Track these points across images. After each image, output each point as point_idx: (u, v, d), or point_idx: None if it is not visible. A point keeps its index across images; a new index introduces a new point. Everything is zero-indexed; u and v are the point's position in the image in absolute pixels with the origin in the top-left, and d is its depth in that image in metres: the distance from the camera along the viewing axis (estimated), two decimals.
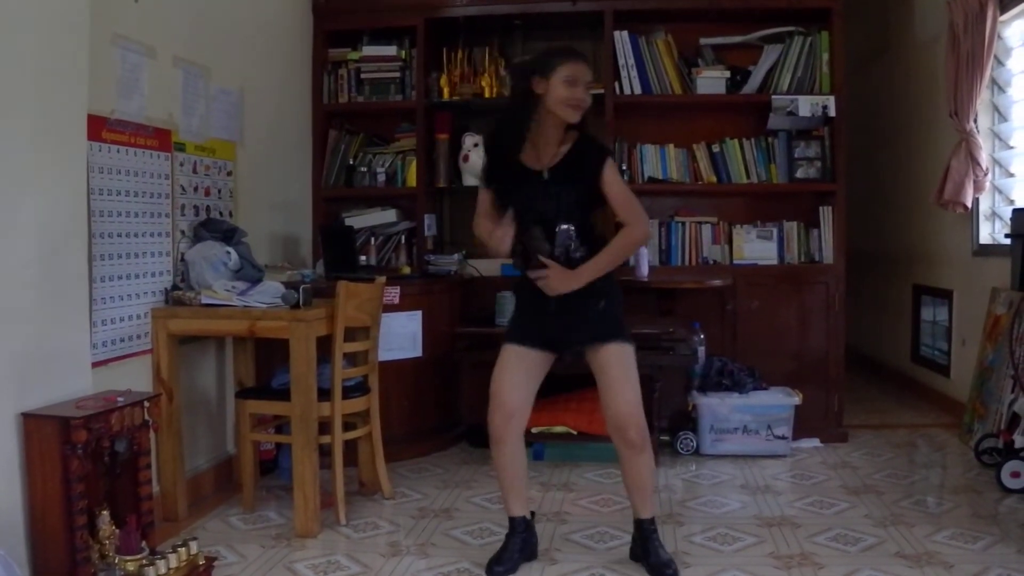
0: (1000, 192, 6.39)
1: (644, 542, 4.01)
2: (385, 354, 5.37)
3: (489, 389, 4.05)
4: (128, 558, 3.49)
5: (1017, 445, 5.06)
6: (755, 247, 6.32)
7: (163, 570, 3.45)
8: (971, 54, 5.97)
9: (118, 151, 4.36)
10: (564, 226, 3.87)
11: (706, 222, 6.40)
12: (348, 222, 6.48)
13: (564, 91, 3.80)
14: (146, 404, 3.74)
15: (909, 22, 7.84)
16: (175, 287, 4.77)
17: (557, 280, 3.84)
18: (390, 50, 6.53)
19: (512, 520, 4.08)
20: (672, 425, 5.96)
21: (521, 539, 4.07)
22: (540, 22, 6.59)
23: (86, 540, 3.44)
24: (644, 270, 6.06)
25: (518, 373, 4.01)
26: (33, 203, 3.50)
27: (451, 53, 6.56)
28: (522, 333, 4.03)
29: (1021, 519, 4.61)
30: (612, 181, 3.90)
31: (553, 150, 3.91)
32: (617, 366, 3.91)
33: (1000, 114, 6.36)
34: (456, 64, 6.55)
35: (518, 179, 3.92)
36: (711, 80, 6.24)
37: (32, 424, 3.41)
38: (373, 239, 6.58)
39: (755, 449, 5.82)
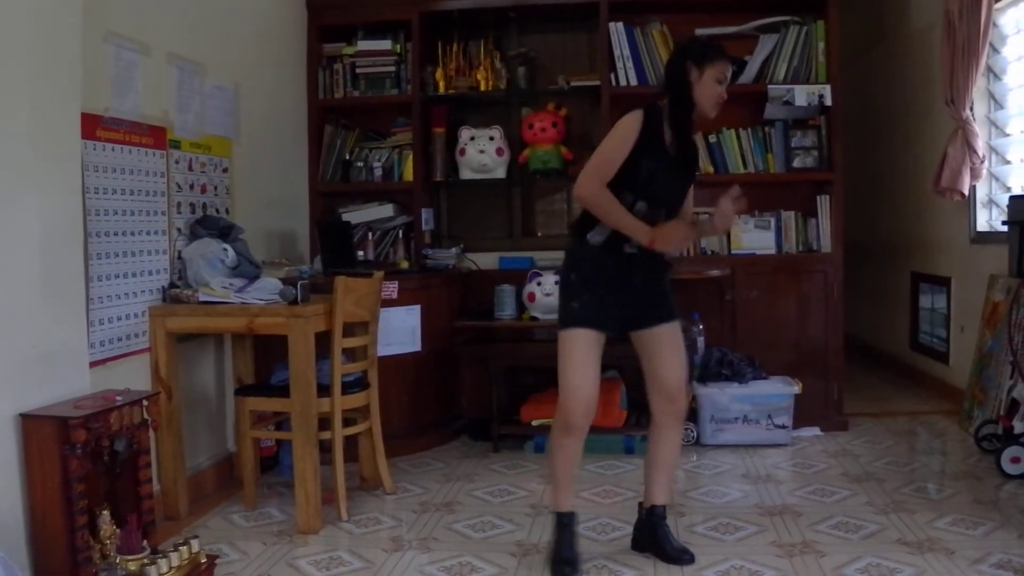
0: (997, 179, 6.38)
1: (657, 528, 4.01)
2: (384, 349, 5.37)
3: (562, 379, 3.87)
4: (129, 557, 3.48)
5: (1017, 431, 5.06)
6: (753, 237, 6.31)
7: (165, 569, 3.45)
8: (966, 42, 5.96)
9: (113, 149, 4.35)
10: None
11: (704, 212, 6.33)
12: (345, 217, 6.47)
13: (713, 87, 3.81)
14: (145, 403, 3.73)
15: (904, 10, 7.83)
16: (172, 285, 4.76)
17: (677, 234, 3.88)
18: (385, 44, 6.52)
19: (561, 515, 4.00)
20: None
21: (572, 533, 4.00)
22: (535, 14, 6.57)
23: (87, 540, 3.44)
24: None
25: (593, 362, 3.87)
26: (28, 203, 3.49)
27: (446, 47, 6.55)
28: (597, 317, 3.86)
29: (1021, 504, 4.61)
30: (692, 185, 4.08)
31: (673, 142, 3.91)
32: (676, 343, 3.99)
33: (996, 102, 6.35)
34: (451, 58, 6.54)
35: (655, 154, 3.85)
36: None
37: (31, 425, 3.41)
38: (370, 234, 6.57)
39: (756, 438, 5.82)
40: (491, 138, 6.40)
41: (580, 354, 3.84)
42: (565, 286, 4.01)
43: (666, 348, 3.95)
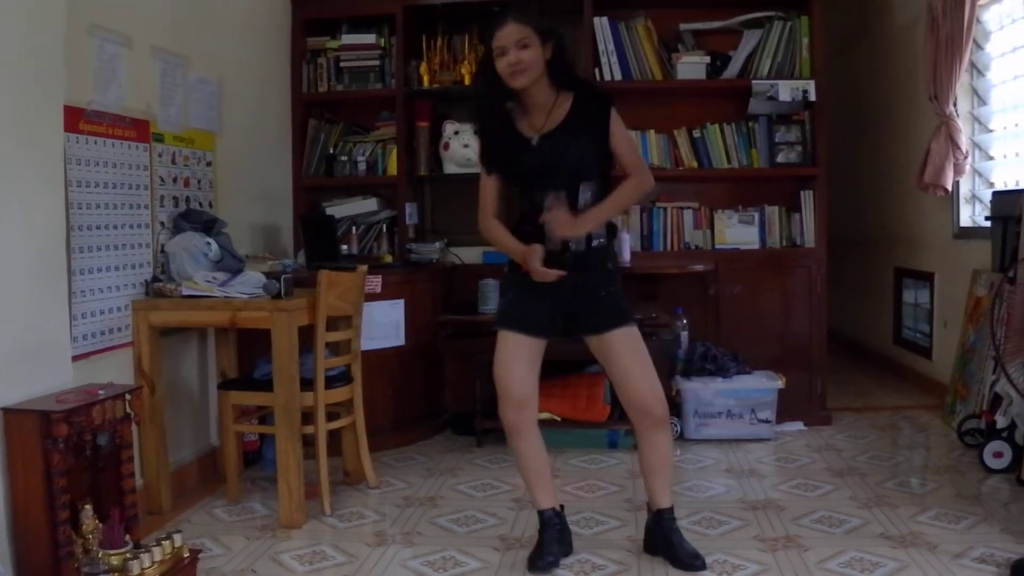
0: (980, 175, 6.41)
1: (666, 533, 3.92)
2: (368, 343, 5.36)
3: (494, 381, 3.92)
4: (112, 552, 3.47)
5: (999, 425, 5.07)
6: (737, 232, 6.32)
7: (147, 563, 3.43)
8: (950, 38, 5.98)
9: (96, 142, 4.33)
10: (555, 193, 3.79)
11: (687, 207, 6.39)
12: (329, 211, 6.46)
13: (499, 64, 3.73)
14: (128, 397, 3.72)
15: (888, 6, 7.86)
16: (155, 279, 4.75)
17: (564, 222, 3.70)
18: (369, 38, 6.50)
19: (542, 513, 3.99)
20: None
21: (556, 532, 3.98)
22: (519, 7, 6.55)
23: (69, 535, 3.42)
24: (626, 256, 6.05)
25: (522, 362, 3.87)
26: (10, 196, 3.47)
27: (430, 41, 6.53)
28: (523, 319, 3.87)
29: (1004, 499, 4.63)
30: (617, 130, 3.84)
31: (542, 118, 3.83)
32: (629, 350, 3.83)
33: (979, 98, 6.38)
34: (435, 52, 6.52)
35: (515, 149, 3.83)
36: (691, 65, 6.22)
37: (12, 419, 3.39)
38: (354, 228, 6.56)
39: (739, 433, 5.83)
40: (476, 132, 6.37)
41: (504, 354, 3.89)
42: (501, 285, 4.12)
43: (622, 356, 3.84)
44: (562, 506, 4.08)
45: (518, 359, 3.87)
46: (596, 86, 3.90)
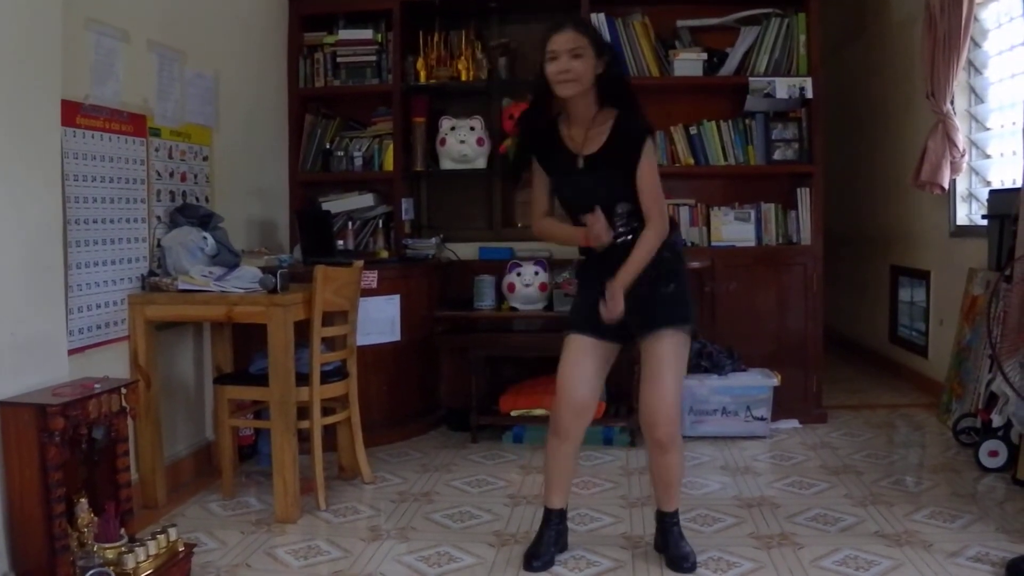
0: (977, 173, 6.41)
1: (665, 534, 3.93)
2: (363, 338, 5.36)
3: (556, 383, 3.85)
4: (107, 546, 3.47)
5: (995, 424, 5.08)
6: (733, 229, 6.31)
7: (142, 557, 3.44)
8: (947, 35, 5.98)
9: (92, 137, 4.33)
10: (622, 205, 3.75)
11: (684, 204, 6.38)
12: (325, 207, 6.45)
13: (548, 67, 3.65)
14: (123, 391, 3.72)
15: (885, 3, 7.86)
16: (152, 273, 4.74)
17: (617, 300, 3.61)
18: (366, 34, 6.49)
19: (549, 512, 3.97)
20: None
21: (556, 531, 3.97)
22: (516, 4, 6.56)
23: (64, 528, 3.43)
24: None
25: (587, 366, 3.81)
26: (7, 190, 3.47)
27: (427, 36, 6.52)
28: (586, 321, 3.79)
29: (999, 498, 4.64)
30: (644, 168, 3.70)
31: (582, 132, 3.76)
32: (664, 357, 3.72)
33: (976, 95, 6.38)
34: (432, 47, 6.52)
35: (563, 167, 3.78)
36: (688, 62, 6.22)
37: (8, 412, 3.39)
38: (350, 223, 6.55)
39: (734, 430, 5.84)
40: (472, 128, 6.38)
41: (570, 358, 3.82)
42: (575, 287, 4.06)
43: (648, 364, 3.76)
44: (566, 507, 4.06)
45: (584, 365, 3.81)
46: (639, 114, 3.76)
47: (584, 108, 3.75)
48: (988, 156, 6.30)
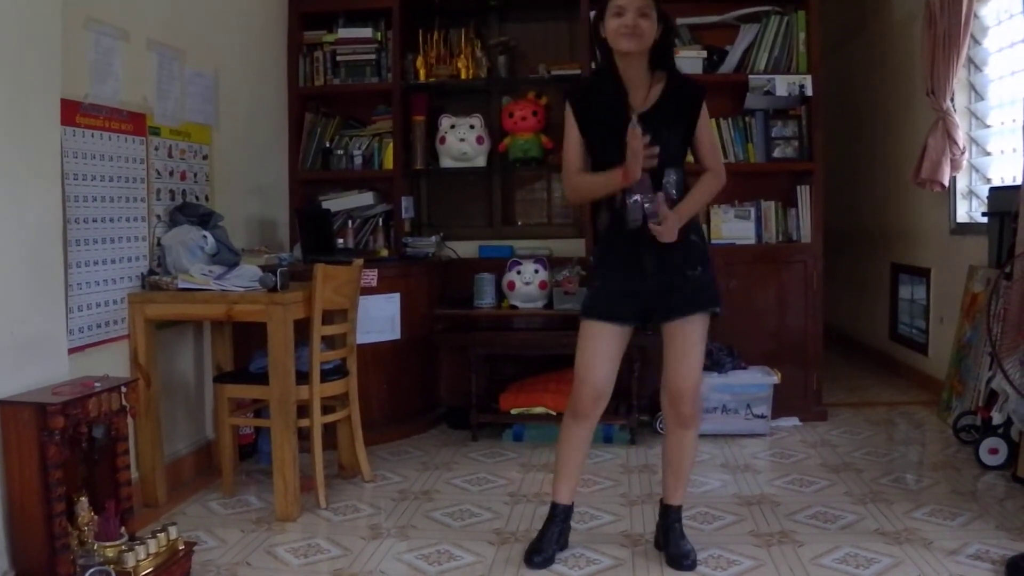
0: (977, 171, 6.41)
1: (667, 530, 3.94)
2: (363, 337, 5.36)
3: (575, 370, 3.86)
4: (107, 544, 3.47)
5: (995, 422, 5.08)
6: (733, 226, 6.31)
7: (142, 556, 3.44)
8: (947, 33, 5.98)
9: (92, 136, 4.33)
10: (670, 173, 3.76)
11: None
12: (325, 205, 6.45)
13: (613, 23, 3.66)
14: (123, 389, 3.72)
15: (886, 1, 7.85)
16: (152, 272, 4.75)
17: (671, 223, 3.63)
18: (366, 32, 6.49)
19: (556, 507, 3.97)
20: (652, 405, 5.94)
21: (560, 528, 3.98)
22: (516, 3, 6.58)
23: (65, 527, 3.42)
24: None
25: (606, 352, 3.81)
26: (7, 189, 3.47)
27: (427, 35, 6.53)
28: (611, 307, 3.80)
29: (999, 495, 4.64)
30: (705, 123, 3.84)
31: (643, 93, 3.77)
32: (692, 339, 3.79)
33: (976, 93, 6.38)
34: (432, 46, 6.52)
35: (617, 123, 3.71)
36: (688, 60, 6.20)
37: (8, 411, 3.39)
38: (350, 222, 6.56)
39: (734, 428, 5.84)
40: (471, 126, 6.39)
41: (589, 345, 3.82)
42: (588, 274, 4.03)
43: (677, 344, 3.79)
44: (572, 504, 4.06)
45: (603, 350, 3.82)
46: (691, 77, 3.82)
47: (639, 69, 3.77)
48: (988, 153, 6.29)
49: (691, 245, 3.79)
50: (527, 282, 5.93)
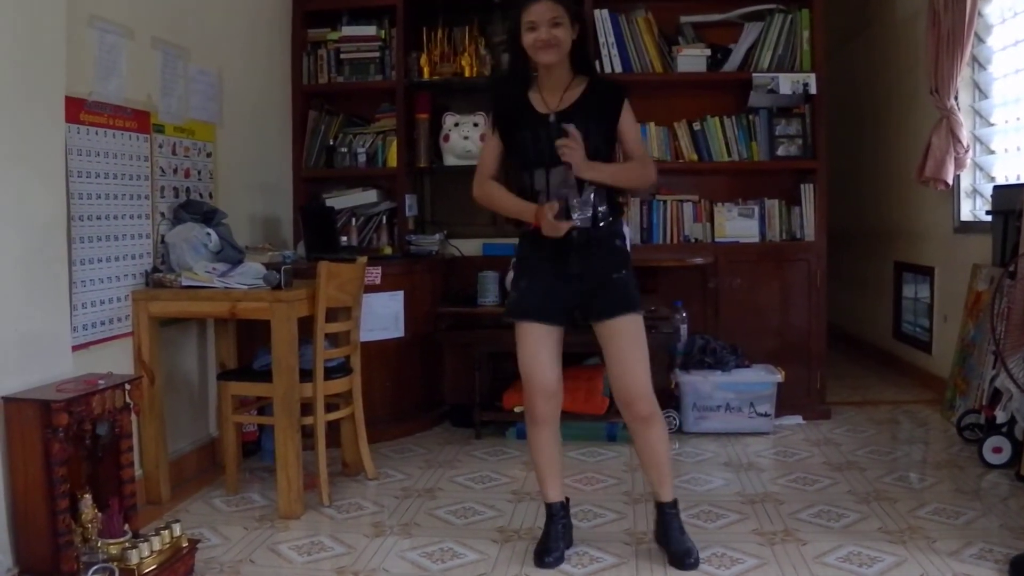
0: (981, 169, 6.40)
1: (665, 527, 3.93)
2: (367, 334, 5.36)
3: (521, 374, 3.91)
4: (111, 541, 3.49)
5: (999, 421, 5.08)
6: (736, 225, 6.31)
7: (146, 553, 3.45)
8: (951, 31, 5.98)
9: (96, 133, 4.33)
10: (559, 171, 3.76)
11: (687, 200, 6.38)
12: (329, 203, 6.45)
13: (528, 37, 3.76)
14: (127, 387, 3.72)
15: None
16: (155, 269, 4.75)
17: (582, 163, 3.66)
18: (369, 30, 6.49)
19: (551, 506, 3.99)
20: None
21: (562, 524, 3.99)
22: (520, 0, 6.55)
23: (68, 524, 3.43)
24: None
25: (544, 350, 3.85)
26: (11, 186, 3.48)
27: (431, 32, 6.52)
28: (539, 309, 3.84)
29: (1003, 494, 4.63)
30: (628, 120, 3.87)
31: (558, 96, 3.83)
32: (628, 338, 3.78)
33: (980, 91, 6.37)
34: (436, 43, 6.52)
35: (526, 123, 3.81)
36: (692, 58, 6.22)
37: (12, 408, 3.40)
38: (354, 220, 6.56)
39: (738, 427, 5.84)
40: (475, 124, 6.38)
41: (527, 346, 3.87)
42: (512, 274, 4.09)
43: (614, 346, 3.80)
44: (567, 499, 4.07)
45: (542, 349, 3.85)
46: (612, 78, 3.90)
47: (561, 74, 3.85)
48: (992, 152, 6.29)
49: (615, 249, 3.86)
50: None
